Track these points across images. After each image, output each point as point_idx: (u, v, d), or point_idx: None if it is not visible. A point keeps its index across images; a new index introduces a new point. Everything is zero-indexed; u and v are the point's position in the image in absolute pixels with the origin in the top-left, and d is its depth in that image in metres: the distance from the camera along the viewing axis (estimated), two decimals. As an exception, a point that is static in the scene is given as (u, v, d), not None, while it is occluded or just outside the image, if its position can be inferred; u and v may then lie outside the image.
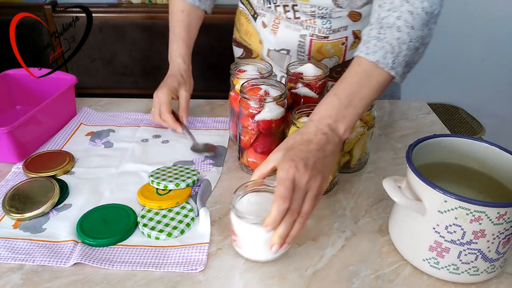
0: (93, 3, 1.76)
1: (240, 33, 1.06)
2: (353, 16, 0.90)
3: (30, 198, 0.71)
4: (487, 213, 0.54)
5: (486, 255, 0.58)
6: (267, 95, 0.74)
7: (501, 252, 0.58)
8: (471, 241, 0.56)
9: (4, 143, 0.79)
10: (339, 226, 0.69)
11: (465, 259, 0.58)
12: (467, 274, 0.59)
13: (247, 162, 0.80)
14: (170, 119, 0.87)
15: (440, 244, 0.58)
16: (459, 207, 0.55)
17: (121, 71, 1.87)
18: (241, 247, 0.61)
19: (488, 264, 0.59)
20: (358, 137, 0.77)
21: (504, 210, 0.54)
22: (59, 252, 0.63)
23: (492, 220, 0.55)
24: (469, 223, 0.55)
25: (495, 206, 0.54)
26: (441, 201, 0.56)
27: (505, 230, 0.56)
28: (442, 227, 0.57)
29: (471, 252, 0.57)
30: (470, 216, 0.55)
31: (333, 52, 0.94)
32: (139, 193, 0.73)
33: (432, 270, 0.60)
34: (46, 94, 0.90)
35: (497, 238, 0.56)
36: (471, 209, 0.54)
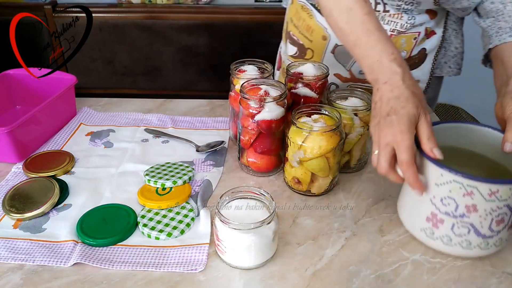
0: (93, 3, 1.77)
1: (299, 29, 1.04)
2: (431, 14, 0.91)
3: (30, 198, 0.71)
4: (479, 188, 0.56)
5: (479, 230, 0.59)
6: (267, 95, 0.74)
7: (495, 230, 0.60)
8: (464, 214, 0.59)
9: (4, 143, 0.79)
10: (339, 226, 0.69)
11: (458, 232, 0.60)
12: (459, 246, 0.61)
13: (247, 162, 0.80)
14: (413, 173, 0.58)
15: (435, 215, 0.61)
16: (453, 180, 0.57)
17: (121, 71, 1.87)
18: (223, 253, 0.61)
19: (481, 239, 0.60)
20: (358, 137, 0.77)
21: (495, 187, 0.56)
22: (59, 252, 0.63)
23: (484, 196, 0.57)
24: (462, 197, 0.58)
25: (486, 181, 0.56)
26: (437, 175, 0.59)
27: (498, 208, 0.58)
28: (438, 199, 0.60)
29: (464, 225, 0.59)
30: (463, 190, 0.57)
31: (405, 46, 0.94)
32: (139, 193, 0.73)
33: (428, 240, 0.63)
34: (46, 94, 0.90)
35: (489, 215, 0.58)
36: (464, 183, 0.57)
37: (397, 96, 0.60)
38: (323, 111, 0.74)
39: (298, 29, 1.04)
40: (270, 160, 0.79)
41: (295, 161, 0.72)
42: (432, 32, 0.95)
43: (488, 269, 0.62)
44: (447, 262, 0.63)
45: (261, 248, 0.60)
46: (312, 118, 0.73)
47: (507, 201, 0.58)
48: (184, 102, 1.06)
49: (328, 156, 0.70)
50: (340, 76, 1.02)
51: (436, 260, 0.63)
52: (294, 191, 0.76)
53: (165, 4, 1.81)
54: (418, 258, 0.63)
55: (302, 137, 0.70)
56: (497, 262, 0.63)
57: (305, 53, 1.04)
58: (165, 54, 1.82)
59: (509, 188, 0.57)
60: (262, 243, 0.59)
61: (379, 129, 0.61)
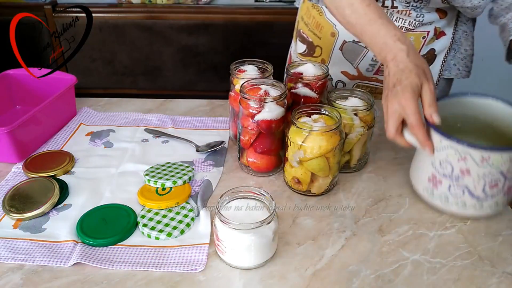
0: (93, 3, 1.77)
1: (309, 27, 1.05)
2: (441, 13, 0.92)
3: (30, 198, 0.71)
4: (472, 154, 0.61)
5: (472, 192, 0.65)
6: (267, 95, 0.74)
7: (489, 194, 0.65)
8: (459, 177, 0.64)
9: (4, 143, 0.79)
10: (339, 226, 0.69)
11: (454, 192, 0.66)
12: (455, 206, 0.67)
13: (247, 162, 0.80)
14: (424, 133, 0.64)
15: (435, 176, 0.67)
16: (449, 146, 0.63)
17: (121, 71, 1.87)
18: (223, 253, 0.61)
19: (475, 201, 0.66)
20: (358, 137, 0.77)
21: (487, 154, 0.61)
22: (59, 252, 0.63)
23: (477, 162, 0.62)
24: (457, 162, 0.63)
25: (477, 148, 0.61)
26: (437, 140, 0.65)
27: (490, 173, 0.62)
28: (437, 163, 0.66)
29: (459, 187, 0.65)
30: (457, 155, 0.63)
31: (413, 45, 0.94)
32: (139, 193, 0.73)
33: (429, 198, 0.70)
34: (46, 94, 0.90)
35: (482, 179, 0.63)
36: (458, 149, 0.62)
37: (402, 69, 0.66)
38: (323, 111, 0.74)
39: (308, 26, 1.05)
40: (270, 160, 0.79)
41: (295, 161, 0.72)
42: (442, 33, 0.95)
43: (488, 269, 0.62)
44: (447, 262, 0.63)
45: (261, 248, 0.60)
46: (312, 118, 0.73)
47: (499, 167, 0.62)
48: (184, 102, 1.06)
49: (328, 156, 0.70)
50: (348, 74, 1.03)
51: (436, 260, 0.63)
52: (294, 191, 0.76)
53: (165, 4, 1.81)
54: (418, 258, 0.63)
55: (302, 137, 0.70)
56: (497, 262, 0.63)
57: (314, 50, 1.04)
58: (165, 54, 1.82)
59: (501, 155, 0.61)
60: (262, 243, 0.59)
61: (387, 100, 0.67)
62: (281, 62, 0.91)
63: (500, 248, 0.65)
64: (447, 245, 0.66)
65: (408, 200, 0.75)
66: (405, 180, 0.80)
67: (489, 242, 0.66)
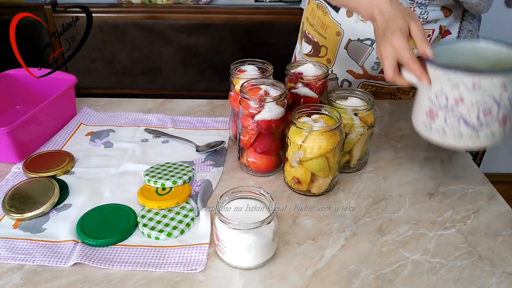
0: (93, 3, 1.76)
1: (314, 27, 1.06)
2: (445, 11, 0.92)
3: (30, 198, 0.71)
4: (463, 80, 0.62)
5: (467, 121, 0.65)
6: (267, 95, 0.74)
7: (484, 122, 0.65)
8: (453, 106, 0.65)
9: (4, 143, 0.79)
10: (339, 226, 0.69)
11: (450, 123, 0.66)
12: (452, 138, 0.67)
13: (247, 162, 0.80)
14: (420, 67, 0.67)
15: (432, 110, 0.68)
16: (443, 76, 0.64)
17: (121, 71, 1.87)
18: (223, 253, 0.61)
19: (470, 130, 0.66)
20: (358, 137, 0.77)
21: (477, 78, 0.62)
22: (59, 252, 0.63)
23: (469, 89, 0.63)
24: (451, 91, 0.64)
25: (468, 74, 0.62)
26: (432, 73, 0.66)
27: (482, 99, 0.63)
28: (433, 96, 0.67)
29: (454, 116, 0.66)
30: (451, 84, 0.64)
31: None
32: (139, 193, 0.73)
33: (427, 134, 0.70)
34: (46, 94, 0.90)
35: (475, 105, 0.64)
36: (451, 77, 0.63)
37: (388, 18, 0.70)
38: (323, 111, 0.74)
39: (313, 27, 1.06)
40: (270, 160, 0.79)
41: (295, 161, 0.72)
42: (447, 32, 0.95)
43: (488, 269, 0.62)
44: (447, 262, 0.63)
45: (261, 248, 0.60)
46: (312, 118, 0.73)
47: (491, 93, 0.63)
48: (184, 102, 1.06)
49: (328, 156, 0.70)
50: (353, 73, 1.03)
51: (436, 260, 0.63)
52: (294, 191, 0.76)
53: (165, 4, 1.81)
54: (418, 258, 0.63)
55: (302, 137, 0.70)
56: (497, 262, 0.63)
57: (319, 50, 1.05)
58: (165, 54, 1.82)
59: (491, 80, 0.62)
60: (262, 243, 0.59)
61: (380, 47, 0.70)
62: (281, 62, 0.91)
63: (500, 248, 0.65)
64: (447, 245, 0.66)
65: (408, 200, 0.75)
66: (405, 180, 0.80)
67: (489, 242, 0.66)
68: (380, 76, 1.02)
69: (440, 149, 0.89)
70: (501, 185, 0.96)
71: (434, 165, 0.84)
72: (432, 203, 0.74)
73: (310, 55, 1.08)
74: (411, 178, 0.80)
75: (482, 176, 0.81)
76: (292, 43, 1.23)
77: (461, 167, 0.84)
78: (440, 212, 0.72)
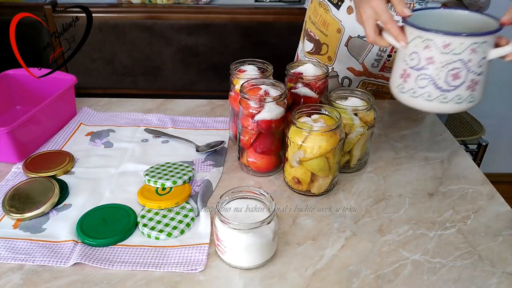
0: (93, 3, 1.76)
1: (316, 25, 1.07)
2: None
3: (30, 198, 0.71)
4: (435, 40, 0.65)
5: (436, 83, 0.68)
6: (267, 95, 0.74)
7: (452, 84, 0.67)
8: (424, 67, 0.67)
9: (4, 143, 0.79)
10: (339, 226, 0.69)
11: (420, 84, 0.68)
12: (422, 98, 0.69)
13: (247, 162, 0.80)
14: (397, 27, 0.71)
15: (405, 70, 0.70)
16: (417, 36, 0.67)
17: (121, 71, 1.87)
18: (223, 253, 0.61)
19: (439, 92, 0.68)
20: (358, 137, 0.77)
21: (449, 39, 0.64)
22: (59, 252, 0.63)
23: (439, 49, 0.65)
24: (422, 50, 0.66)
25: (440, 33, 0.64)
26: (408, 33, 0.68)
27: (452, 61, 0.65)
28: (407, 56, 0.69)
29: (424, 77, 0.68)
30: (423, 44, 0.66)
31: None
32: (139, 193, 0.73)
33: (400, 95, 0.71)
34: (46, 94, 0.90)
35: (444, 67, 0.66)
36: (423, 36, 0.66)
37: None
38: (323, 111, 0.74)
39: (315, 25, 1.07)
40: (270, 160, 0.79)
41: (295, 161, 0.72)
42: None
43: (488, 269, 0.62)
44: (447, 262, 0.63)
45: (261, 248, 0.60)
46: (312, 118, 0.73)
47: (460, 55, 0.65)
48: (184, 102, 1.06)
49: (328, 156, 0.70)
50: (354, 70, 1.04)
51: (436, 260, 0.63)
52: (294, 191, 0.76)
53: (165, 4, 1.81)
54: (418, 258, 0.63)
55: (302, 137, 0.70)
56: (497, 262, 0.63)
57: (321, 48, 1.06)
58: (165, 54, 1.82)
59: (461, 42, 0.64)
60: (262, 243, 0.59)
61: (359, 11, 0.73)
62: (281, 62, 0.91)
63: (500, 248, 0.65)
64: (447, 245, 0.66)
65: (408, 200, 0.75)
66: (405, 180, 0.80)
67: (489, 242, 0.66)
68: (380, 74, 1.03)
69: (440, 149, 0.89)
70: (501, 185, 0.96)
71: (434, 165, 0.84)
72: (432, 203, 0.74)
73: (312, 52, 1.09)
74: (411, 178, 0.80)
75: (482, 176, 0.81)
76: (292, 43, 1.23)
77: (461, 167, 0.84)
78: (440, 212, 0.72)
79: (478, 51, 0.66)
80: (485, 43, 0.66)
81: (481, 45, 0.65)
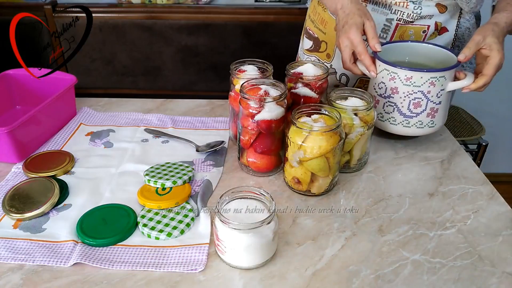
0: (93, 3, 1.77)
1: (315, 23, 1.07)
2: (440, 8, 0.92)
3: (30, 198, 0.71)
4: (399, 74, 0.78)
5: (400, 109, 0.81)
6: (267, 95, 0.74)
7: (414, 112, 0.81)
8: (390, 95, 0.81)
9: (4, 143, 0.79)
10: (339, 226, 0.69)
11: (386, 110, 0.83)
12: (388, 122, 0.84)
13: (247, 162, 0.80)
14: (369, 59, 0.81)
15: (375, 97, 0.83)
16: (384, 69, 0.80)
17: (121, 71, 1.87)
18: (223, 253, 0.61)
19: (402, 117, 0.82)
20: (358, 137, 0.77)
21: (410, 73, 0.77)
22: (59, 252, 0.63)
23: (402, 81, 0.78)
24: (388, 81, 0.80)
25: (403, 68, 0.77)
26: (377, 66, 0.81)
27: (413, 92, 0.78)
28: (377, 85, 0.83)
29: (390, 104, 0.82)
30: (389, 76, 0.79)
31: (413, 39, 0.95)
32: (139, 193, 0.73)
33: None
34: (46, 94, 0.90)
35: (407, 97, 0.79)
36: (390, 70, 0.79)
37: (347, 14, 0.82)
38: (323, 111, 0.74)
39: (314, 23, 1.07)
40: (270, 160, 0.79)
41: (295, 161, 0.72)
42: (444, 29, 0.96)
43: (488, 269, 0.62)
44: (447, 262, 0.63)
45: (261, 248, 0.60)
46: (312, 118, 0.73)
47: (421, 87, 0.77)
48: (184, 102, 1.06)
49: (328, 156, 0.70)
50: None
51: (436, 260, 0.63)
52: (294, 191, 0.76)
53: (165, 4, 1.81)
54: (418, 258, 0.63)
55: (302, 137, 0.70)
56: (497, 262, 0.63)
57: (320, 46, 1.07)
58: (165, 54, 1.82)
59: (421, 76, 0.76)
60: (262, 243, 0.59)
61: (338, 39, 0.83)
62: (281, 62, 0.91)
63: (500, 248, 0.65)
64: (447, 245, 0.66)
65: (408, 200, 0.75)
66: (405, 180, 0.80)
67: (489, 242, 0.66)
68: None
69: (440, 149, 0.89)
70: (501, 185, 0.96)
71: (434, 165, 0.84)
72: (432, 203, 0.74)
73: (311, 50, 1.09)
74: (411, 178, 0.80)
75: (482, 176, 0.81)
76: (292, 43, 1.23)
77: (461, 167, 0.84)
78: (440, 212, 0.72)
79: (437, 84, 0.77)
80: (443, 77, 0.77)
81: (439, 79, 0.77)
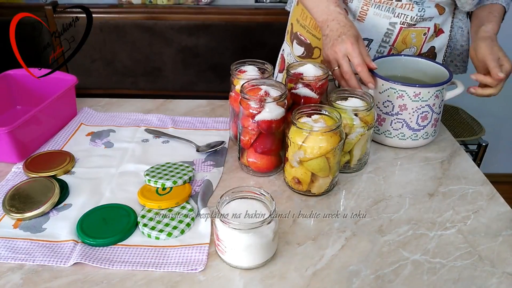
0: (93, 3, 1.77)
1: (306, 28, 1.05)
2: (440, 9, 0.93)
3: (30, 198, 0.71)
4: (407, 91, 0.81)
5: (409, 124, 0.84)
6: (267, 95, 0.74)
7: (421, 125, 0.84)
8: (398, 112, 0.83)
9: (5, 143, 0.79)
10: (339, 226, 0.69)
11: (395, 126, 0.85)
12: (396, 138, 0.86)
13: (247, 162, 0.80)
14: (366, 71, 0.80)
15: (380, 116, 0.85)
16: (389, 88, 0.82)
17: (121, 71, 1.87)
18: (224, 253, 0.61)
19: (411, 132, 0.84)
20: (358, 137, 0.77)
21: (418, 90, 0.80)
22: (59, 252, 0.63)
23: (411, 97, 0.81)
24: (396, 99, 0.82)
25: (412, 86, 0.81)
26: (380, 85, 0.83)
27: (421, 106, 0.82)
28: (381, 104, 0.84)
29: (399, 121, 0.84)
30: (396, 94, 0.81)
31: (415, 42, 0.96)
32: (139, 193, 0.73)
33: (375, 135, 0.88)
34: (46, 94, 0.90)
35: (415, 112, 0.82)
36: (397, 88, 0.81)
37: (343, 25, 0.83)
38: (323, 111, 0.74)
39: (305, 28, 1.05)
40: (270, 160, 0.79)
41: (295, 161, 0.72)
42: (441, 30, 0.96)
43: (488, 269, 0.62)
44: (447, 262, 0.63)
45: (261, 248, 0.60)
46: (312, 118, 0.73)
47: (427, 101, 0.81)
48: (184, 103, 1.06)
49: (328, 156, 0.70)
50: None
51: (436, 260, 0.63)
52: (294, 191, 0.76)
53: (166, 5, 1.81)
54: (418, 258, 0.63)
55: (302, 137, 0.70)
56: (497, 262, 0.63)
57: (312, 52, 1.05)
58: (166, 55, 1.82)
59: (428, 91, 0.80)
60: (262, 243, 0.59)
61: (333, 48, 0.82)
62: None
63: (500, 248, 0.65)
64: (447, 245, 0.66)
65: (408, 200, 0.75)
66: (405, 180, 0.80)
67: (489, 242, 0.66)
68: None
69: (440, 149, 0.89)
70: (501, 185, 0.96)
71: (434, 165, 0.84)
72: (432, 203, 0.74)
73: (303, 57, 1.07)
74: (411, 178, 0.80)
75: (482, 176, 0.81)
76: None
77: (461, 167, 0.84)
78: (440, 212, 0.72)
79: (439, 96, 0.82)
80: (444, 89, 0.83)
81: (441, 91, 0.82)
